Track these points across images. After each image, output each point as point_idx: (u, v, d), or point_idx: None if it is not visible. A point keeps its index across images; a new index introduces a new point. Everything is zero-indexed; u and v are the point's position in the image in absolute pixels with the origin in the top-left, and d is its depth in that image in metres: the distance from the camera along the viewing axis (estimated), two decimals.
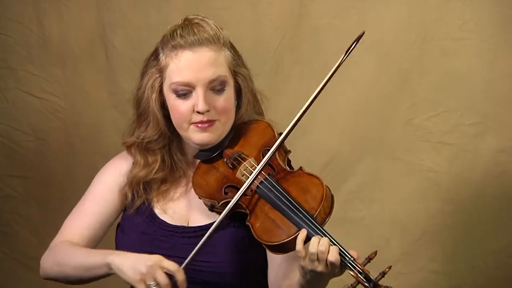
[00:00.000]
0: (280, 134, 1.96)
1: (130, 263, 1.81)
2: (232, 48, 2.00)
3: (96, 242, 2.04)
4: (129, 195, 2.02)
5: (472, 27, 2.86)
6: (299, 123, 1.90)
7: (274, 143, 1.92)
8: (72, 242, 2.00)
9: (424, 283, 2.98)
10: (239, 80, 2.00)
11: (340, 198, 3.04)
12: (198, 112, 1.92)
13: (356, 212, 3.02)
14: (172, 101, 1.95)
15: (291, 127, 1.89)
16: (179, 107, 1.94)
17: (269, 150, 1.92)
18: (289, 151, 1.99)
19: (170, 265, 1.79)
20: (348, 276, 1.78)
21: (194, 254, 1.83)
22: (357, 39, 1.93)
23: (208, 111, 1.92)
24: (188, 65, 1.92)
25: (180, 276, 1.79)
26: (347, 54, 1.92)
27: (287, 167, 1.95)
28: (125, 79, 3.06)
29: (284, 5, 2.99)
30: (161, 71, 1.97)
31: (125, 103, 3.09)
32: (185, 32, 1.94)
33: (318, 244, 1.75)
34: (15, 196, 3.17)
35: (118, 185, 2.05)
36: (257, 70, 2.99)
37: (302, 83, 2.98)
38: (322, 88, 1.89)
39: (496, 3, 2.84)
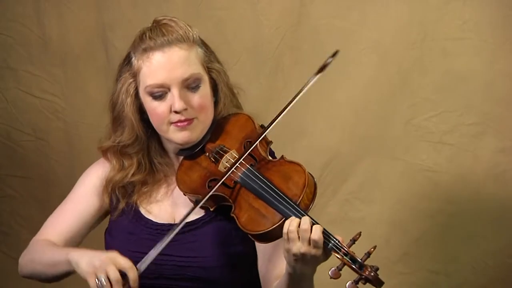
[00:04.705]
0: (261, 126, 1.99)
1: (86, 258, 1.82)
2: (203, 44, 2.01)
3: (76, 243, 2.07)
4: (107, 199, 2.05)
5: (472, 27, 2.86)
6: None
7: (255, 135, 1.94)
8: (50, 241, 2.03)
9: (424, 283, 2.98)
10: (213, 76, 2.01)
11: (340, 198, 3.04)
12: (176, 112, 1.93)
13: (356, 212, 3.01)
14: (149, 103, 1.97)
15: (274, 119, 1.90)
16: (156, 109, 1.95)
17: (250, 142, 1.94)
18: (271, 142, 2.00)
19: (124, 262, 1.79)
20: (334, 260, 1.79)
21: (154, 251, 1.83)
22: (332, 56, 2.00)
23: (185, 109, 1.94)
24: (160, 66, 1.93)
25: (132, 274, 1.78)
26: (322, 70, 2.01)
27: (269, 156, 1.96)
28: None
29: (284, 5, 2.98)
30: (135, 75, 1.99)
31: None
32: (154, 34, 1.95)
33: (300, 223, 1.76)
34: (15, 196, 3.17)
35: (96, 187, 2.08)
36: (257, 70, 3.02)
37: (302, 83, 2.96)
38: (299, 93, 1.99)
39: (496, 3, 2.84)
